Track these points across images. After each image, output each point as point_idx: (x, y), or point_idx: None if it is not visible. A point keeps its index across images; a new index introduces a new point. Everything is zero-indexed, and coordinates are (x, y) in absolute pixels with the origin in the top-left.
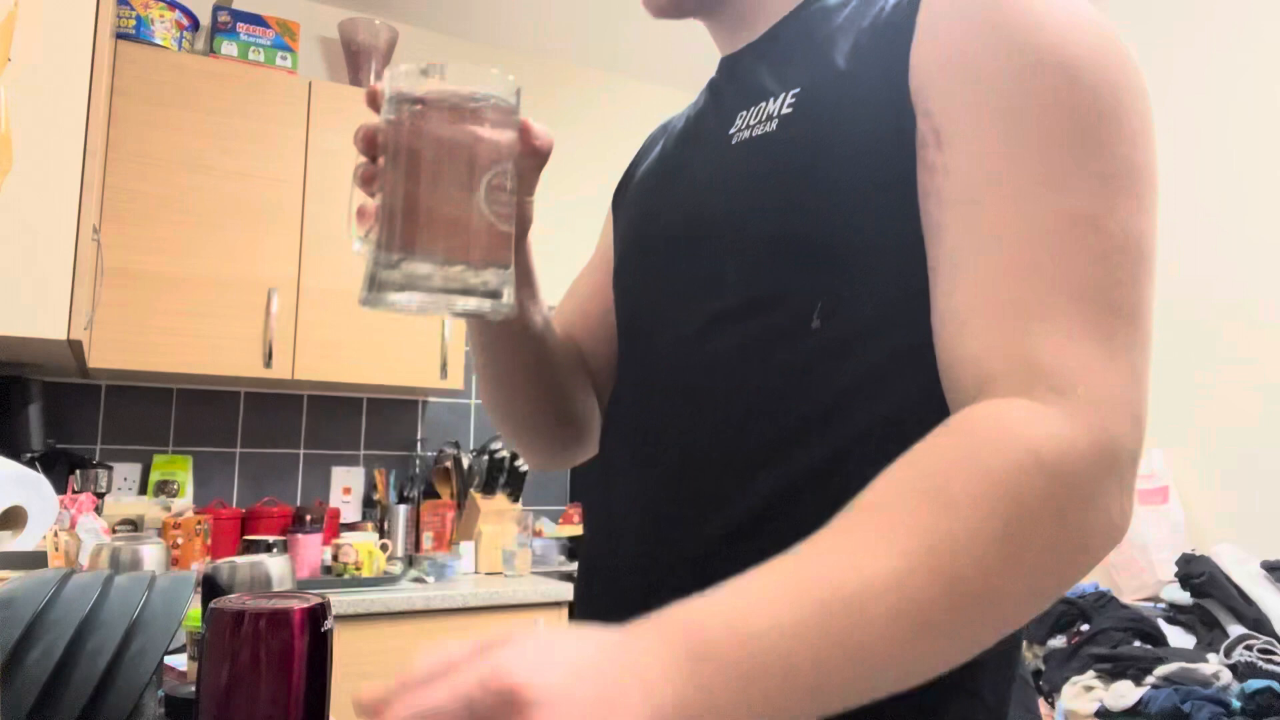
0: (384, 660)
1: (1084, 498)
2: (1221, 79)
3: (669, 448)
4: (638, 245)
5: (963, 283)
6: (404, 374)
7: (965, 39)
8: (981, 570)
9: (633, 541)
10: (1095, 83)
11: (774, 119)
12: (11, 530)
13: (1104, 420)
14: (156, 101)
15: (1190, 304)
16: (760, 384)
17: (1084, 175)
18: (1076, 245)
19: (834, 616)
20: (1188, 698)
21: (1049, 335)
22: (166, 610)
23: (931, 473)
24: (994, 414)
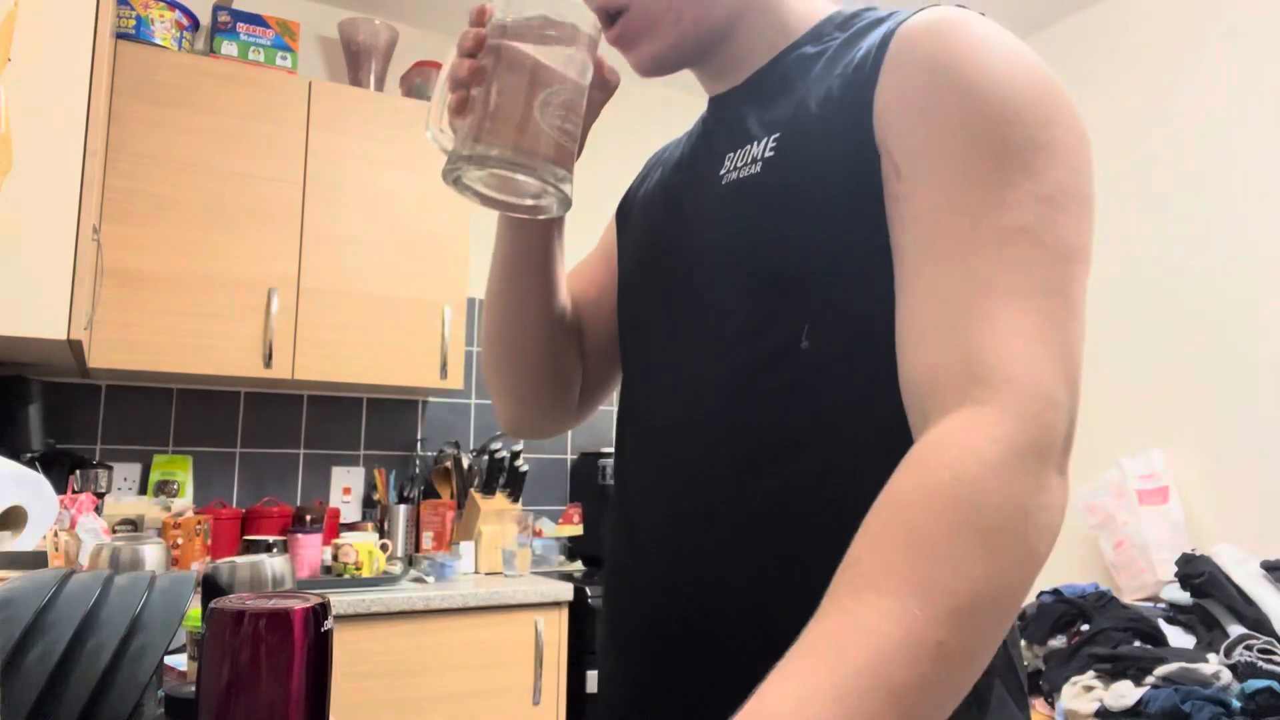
0: (384, 660)
1: (1034, 484)
2: (1222, 78)
3: (679, 463)
4: (640, 276)
5: (916, 298)
6: (404, 374)
7: (920, 85)
8: (970, 585)
9: (652, 550)
10: (1032, 120)
11: (758, 162)
12: (11, 530)
13: (1038, 408)
14: (156, 101)
15: (1190, 304)
16: (756, 402)
17: (1022, 195)
18: (1015, 255)
19: (867, 695)
20: (1188, 698)
21: (988, 336)
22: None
23: (905, 522)
24: (940, 438)
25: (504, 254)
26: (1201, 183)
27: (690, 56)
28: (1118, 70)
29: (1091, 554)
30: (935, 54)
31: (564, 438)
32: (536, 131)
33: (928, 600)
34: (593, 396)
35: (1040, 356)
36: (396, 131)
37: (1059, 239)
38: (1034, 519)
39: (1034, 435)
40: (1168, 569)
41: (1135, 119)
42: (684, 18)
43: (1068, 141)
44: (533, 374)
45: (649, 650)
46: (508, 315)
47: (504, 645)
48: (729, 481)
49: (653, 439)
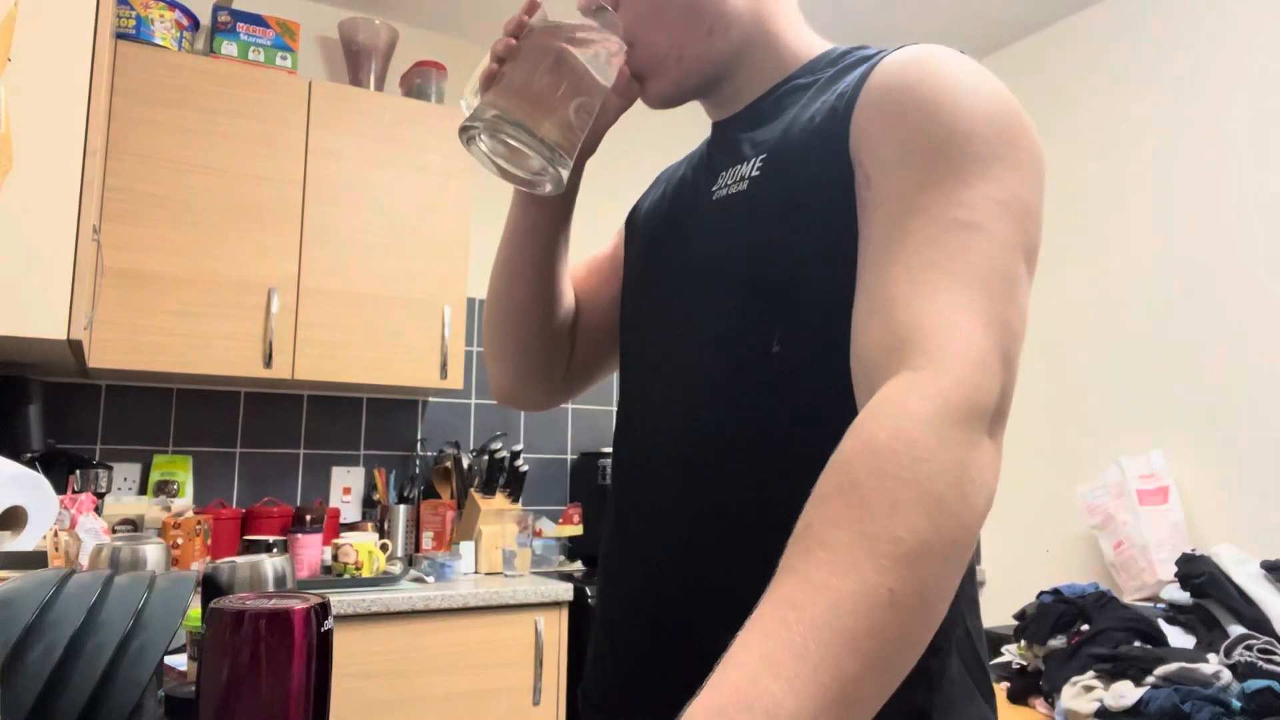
0: (384, 660)
1: (965, 441)
2: (1223, 78)
3: (664, 462)
4: (640, 284)
5: (869, 287)
6: (404, 374)
7: (893, 105)
8: (913, 534)
9: (638, 540)
10: (993, 137)
11: (745, 180)
12: (11, 530)
13: (969, 372)
14: (156, 101)
15: (1191, 304)
16: (731, 404)
17: (977, 196)
18: (964, 243)
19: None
20: (1188, 698)
21: (929, 311)
22: (166, 610)
23: (846, 481)
24: (878, 403)
25: (513, 226)
26: (1202, 183)
27: (694, 92)
28: (1118, 70)
29: (1091, 554)
30: (909, 79)
31: (564, 438)
32: (550, 115)
33: (874, 551)
34: (577, 379)
35: (977, 330)
36: (396, 131)
37: (1007, 235)
38: (968, 473)
39: (965, 395)
40: (1168, 569)
41: (1135, 119)
42: (685, 56)
43: (1026, 162)
44: (526, 342)
45: (633, 637)
46: (510, 282)
47: (504, 645)
48: (707, 480)
49: (643, 438)
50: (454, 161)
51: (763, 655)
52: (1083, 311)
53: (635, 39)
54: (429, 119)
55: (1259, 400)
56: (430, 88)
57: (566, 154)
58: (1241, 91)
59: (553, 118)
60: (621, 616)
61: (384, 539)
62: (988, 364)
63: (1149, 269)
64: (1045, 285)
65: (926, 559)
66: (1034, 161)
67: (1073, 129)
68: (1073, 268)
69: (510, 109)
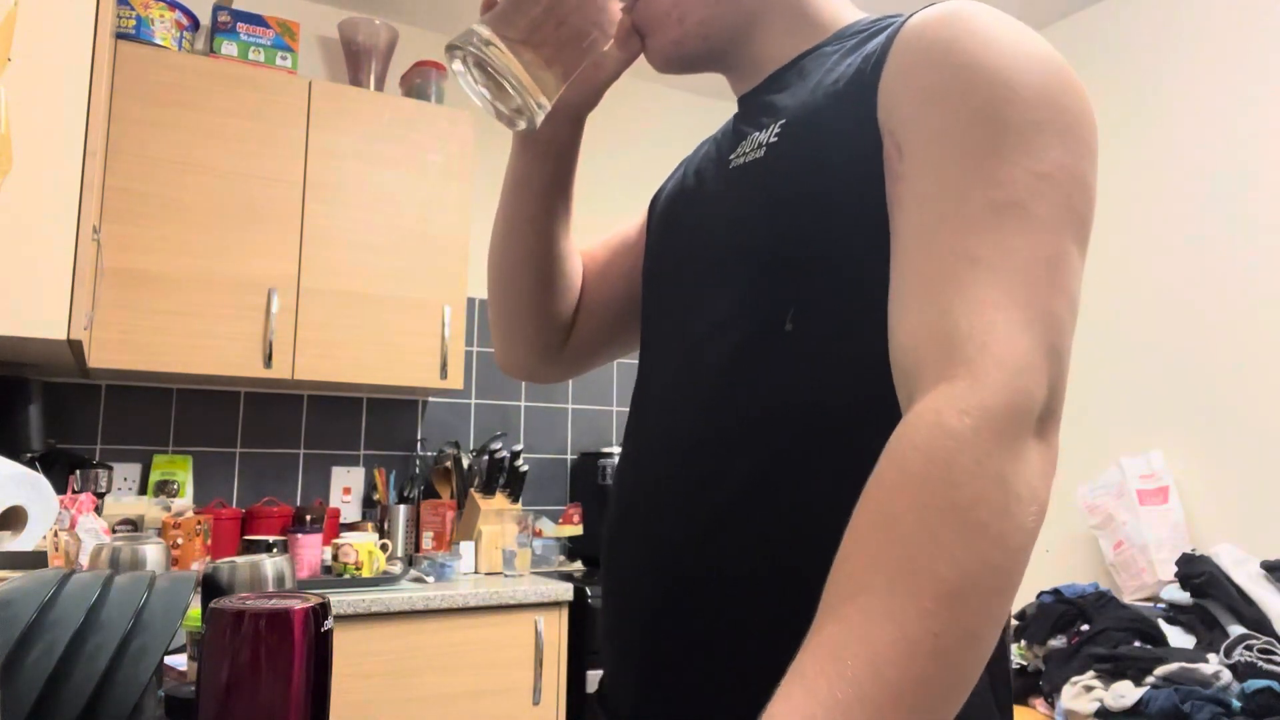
0: (384, 660)
1: (1009, 454)
2: (1224, 77)
3: (674, 434)
4: (660, 257)
5: (903, 276)
6: (404, 374)
7: (924, 68)
8: (956, 568)
9: (642, 513)
10: (1035, 100)
11: (763, 147)
12: (11, 530)
13: (1010, 376)
14: (156, 101)
15: (1191, 304)
16: (748, 379)
17: (1017, 172)
18: (1003, 227)
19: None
20: (1188, 698)
21: (964, 309)
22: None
23: (884, 513)
24: (913, 419)
25: (508, 176)
26: (1202, 183)
27: (701, 57)
28: (1118, 70)
29: (1091, 554)
30: (941, 38)
31: (564, 438)
32: (533, 49)
33: (917, 593)
34: (579, 355)
35: (1018, 325)
36: (396, 131)
37: (1050, 214)
38: (1013, 489)
39: (1006, 402)
40: (1168, 569)
41: (1136, 119)
42: (687, 19)
43: (1070, 125)
44: (522, 303)
45: (636, 608)
46: (505, 237)
47: (504, 645)
48: (716, 454)
49: (655, 410)
50: (454, 161)
51: (806, 715)
52: (1083, 311)
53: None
54: (429, 119)
55: (1259, 400)
56: (430, 88)
57: (544, 93)
58: (1245, 91)
59: (536, 52)
60: (627, 600)
61: (384, 539)
62: (1031, 364)
63: (1149, 269)
64: None
65: (972, 595)
66: (1083, 126)
67: None
68: None
69: (494, 37)
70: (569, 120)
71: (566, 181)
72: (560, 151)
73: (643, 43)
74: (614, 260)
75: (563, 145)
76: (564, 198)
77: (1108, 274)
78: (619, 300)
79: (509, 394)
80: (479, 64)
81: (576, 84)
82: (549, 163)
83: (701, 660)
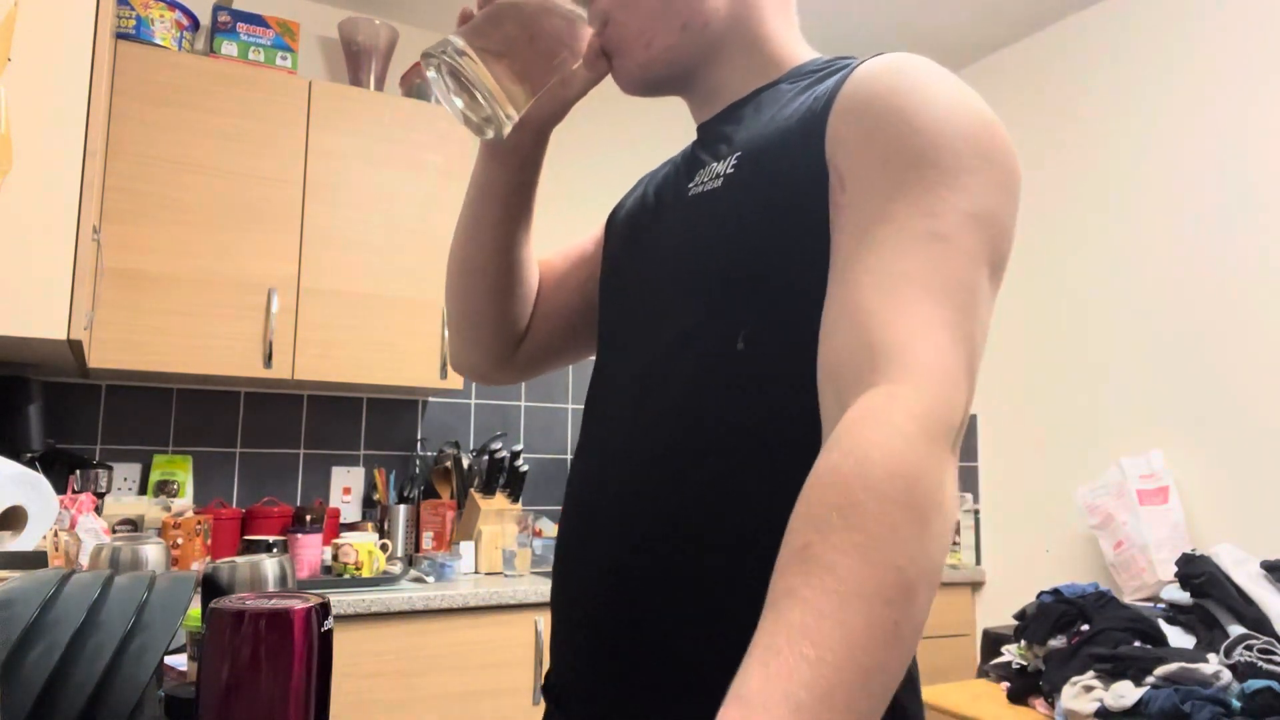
0: (384, 660)
1: (946, 461)
2: (1223, 77)
3: (628, 454)
4: (617, 278)
5: (838, 293)
6: (404, 374)
7: (868, 112)
8: (912, 562)
9: (599, 526)
10: (967, 149)
11: (720, 177)
12: (11, 530)
13: (945, 390)
14: (156, 101)
15: (1191, 304)
16: (702, 396)
17: (947, 207)
18: (933, 255)
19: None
20: (1188, 698)
21: (900, 323)
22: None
23: (845, 501)
24: (864, 414)
25: (473, 181)
26: (1201, 182)
27: (663, 82)
28: (1118, 70)
29: (1091, 554)
30: (886, 86)
31: (564, 438)
32: (503, 62)
33: (881, 582)
34: (532, 360)
35: (947, 344)
36: (396, 131)
37: (974, 248)
38: (948, 493)
39: (941, 414)
40: (1168, 569)
41: (1136, 119)
42: (654, 45)
43: (998, 175)
44: (479, 306)
45: (591, 629)
46: (466, 240)
47: (504, 645)
48: (671, 467)
49: (611, 423)
50: (454, 162)
51: (786, 695)
52: (1083, 312)
53: (611, 17)
54: (429, 119)
55: (1259, 400)
56: (430, 88)
57: (513, 104)
58: (1246, 91)
59: (507, 66)
60: (579, 607)
61: (384, 539)
62: (958, 380)
63: (1149, 269)
64: (1045, 286)
65: (921, 587)
66: (1007, 175)
67: (1073, 129)
68: (1073, 268)
69: (468, 48)
70: (535, 132)
71: (529, 190)
72: (524, 161)
73: (610, 64)
74: (571, 271)
75: (527, 155)
76: (525, 206)
77: (1108, 274)
78: (573, 310)
79: (509, 394)
80: (452, 73)
81: (544, 99)
82: (513, 171)
83: (653, 663)
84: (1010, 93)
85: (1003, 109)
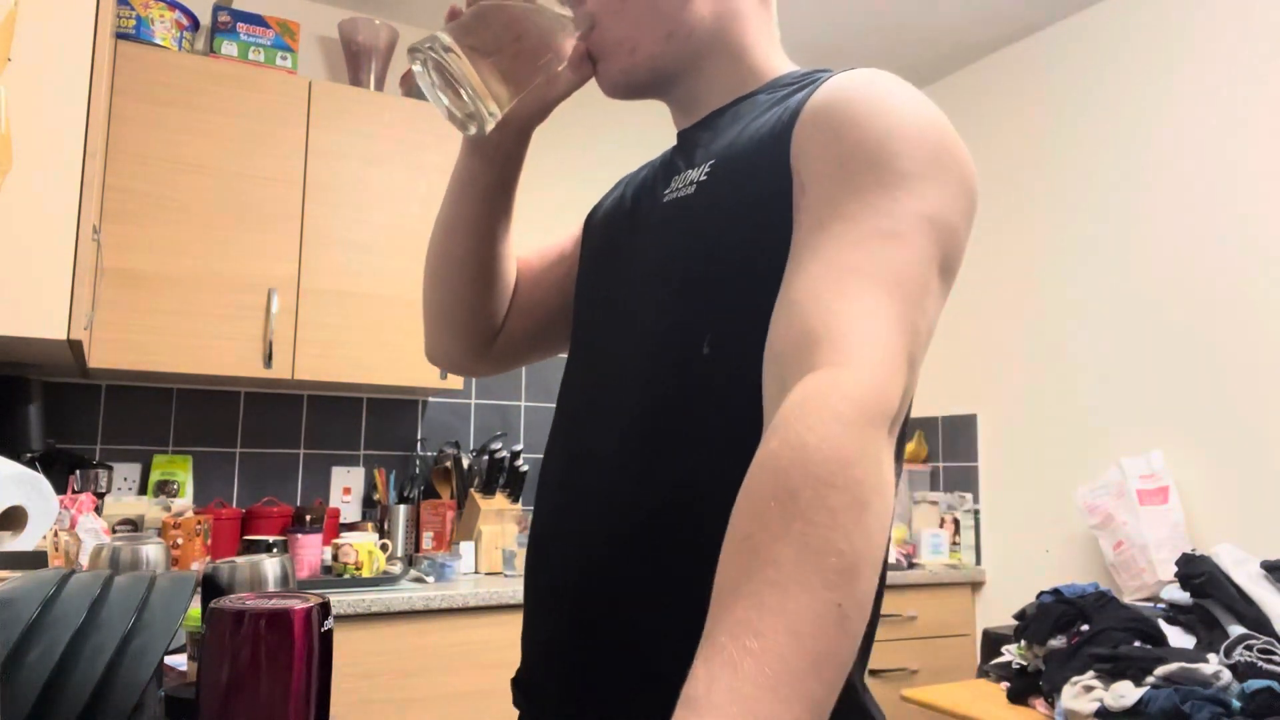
0: (384, 660)
1: (883, 444)
2: (1222, 77)
3: (596, 453)
4: (593, 279)
5: (790, 284)
6: (404, 374)
7: (830, 121)
8: (851, 544)
9: (567, 524)
10: (923, 156)
11: (693, 184)
12: (11, 530)
13: (884, 375)
14: (156, 101)
15: (1190, 304)
16: (667, 402)
17: (901, 207)
18: (883, 251)
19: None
20: (1188, 698)
21: (845, 311)
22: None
23: (783, 488)
24: (800, 400)
25: (455, 175)
26: (1201, 183)
27: (646, 87)
28: (1118, 70)
29: (1091, 554)
30: (849, 97)
31: None
32: (488, 59)
33: (821, 567)
34: (506, 354)
35: (888, 332)
36: (396, 131)
37: (925, 247)
38: (885, 475)
39: (878, 398)
40: (1168, 569)
41: (1136, 119)
42: (639, 51)
43: (952, 183)
44: (456, 297)
45: (560, 625)
46: (445, 233)
47: (504, 645)
48: (641, 468)
49: (583, 422)
50: (453, 162)
51: (732, 690)
52: (1083, 312)
53: (598, 22)
54: (429, 119)
55: (1259, 400)
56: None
57: (496, 102)
58: (1246, 91)
59: (492, 64)
60: (547, 602)
61: (384, 539)
62: (897, 366)
63: (1150, 269)
64: (1045, 285)
65: (863, 569)
66: (961, 184)
67: (1072, 129)
68: (1073, 268)
69: (455, 45)
70: (517, 130)
71: (509, 187)
72: (506, 158)
73: (594, 68)
74: (549, 269)
75: (509, 152)
76: (505, 202)
77: (1108, 274)
78: (550, 307)
79: (509, 394)
80: (438, 68)
81: (528, 98)
82: (494, 167)
83: (617, 658)
84: (1010, 93)
85: (1002, 109)
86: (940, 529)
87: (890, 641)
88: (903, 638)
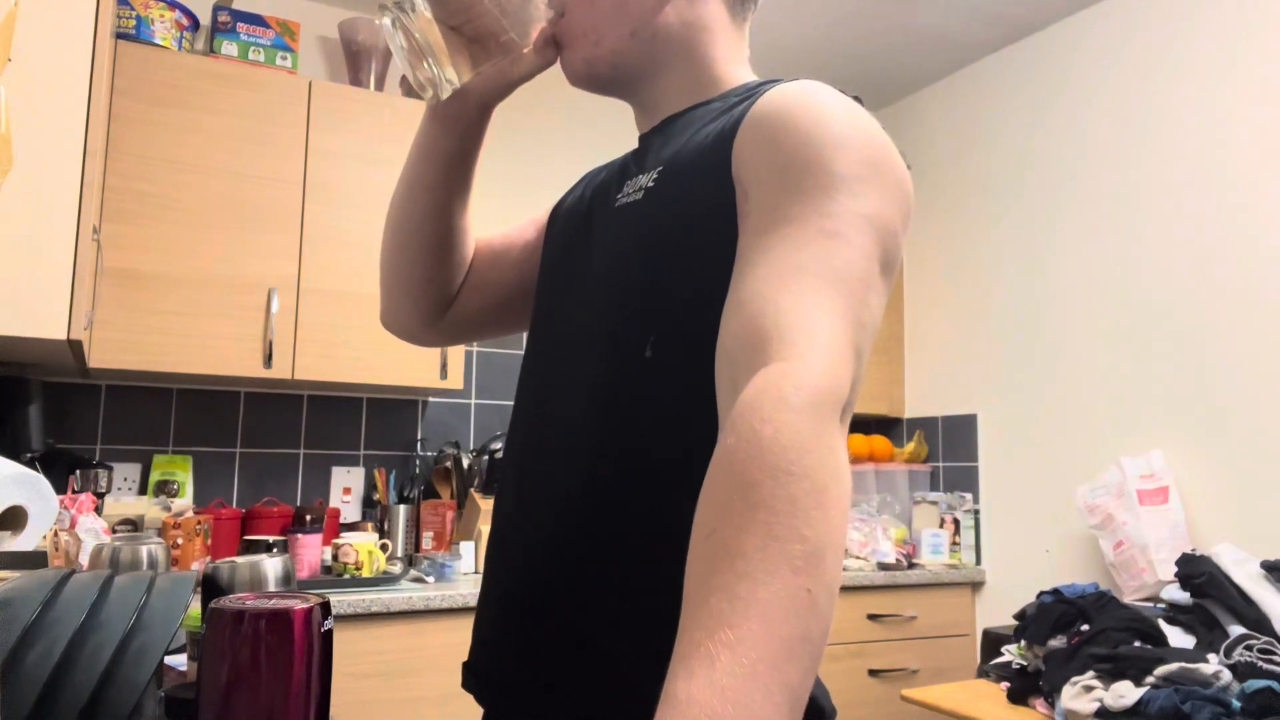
0: (384, 660)
1: (834, 429)
2: (1222, 79)
3: (548, 449)
4: (550, 279)
5: (737, 286)
6: (404, 374)
7: (769, 129)
8: (814, 529)
9: (521, 517)
10: (859, 160)
11: (642, 190)
12: (11, 530)
13: (832, 364)
14: (156, 101)
15: (1190, 304)
16: (609, 401)
17: (842, 209)
18: (826, 249)
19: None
20: (1188, 698)
21: (792, 308)
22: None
23: (743, 481)
24: (753, 395)
25: (414, 146)
26: (1201, 183)
27: (608, 82)
28: (1118, 70)
29: (1091, 554)
30: (787, 106)
31: None
32: (452, 26)
33: (787, 553)
34: (461, 327)
35: (834, 326)
36: (396, 131)
37: (866, 245)
38: (841, 461)
39: (828, 386)
40: (1168, 569)
41: (1136, 119)
42: (602, 43)
43: (889, 186)
44: (411, 263)
45: (509, 611)
46: (404, 198)
47: None
48: (588, 465)
49: (535, 416)
50: None
51: (711, 683)
52: (1083, 311)
53: (567, 9)
54: None
55: (1259, 400)
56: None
57: (456, 71)
58: (1246, 91)
59: (457, 34)
60: (497, 590)
61: (384, 539)
62: (845, 357)
63: (1149, 269)
64: (1045, 286)
65: (828, 553)
66: (897, 186)
67: (1072, 130)
68: (1073, 268)
69: (424, 8)
70: (477, 105)
71: (468, 160)
72: (466, 130)
73: (559, 54)
74: (509, 249)
75: (470, 125)
76: (463, 175)
77: (1108, 274)
78: (506, 286)
79: (509, 394)
80: (404, 29)
81: (490, 75)
82: (454, 139)
83: (562, 645)
84: (1009, 93)
85: (1002, 110)
86: (940, 529)
87: (890, 641)
88: (903, 638)
